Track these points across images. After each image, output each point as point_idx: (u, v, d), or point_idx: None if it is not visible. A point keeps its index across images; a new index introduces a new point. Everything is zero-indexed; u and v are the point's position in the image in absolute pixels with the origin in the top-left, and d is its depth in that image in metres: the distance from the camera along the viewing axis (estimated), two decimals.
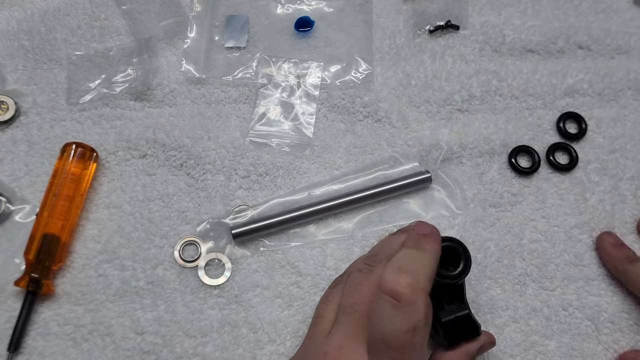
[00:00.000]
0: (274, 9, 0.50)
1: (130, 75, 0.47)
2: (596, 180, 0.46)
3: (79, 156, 0.43)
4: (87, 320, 0.41)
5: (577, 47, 0.50)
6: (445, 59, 0.49)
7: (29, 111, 0.46)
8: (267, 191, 0.45)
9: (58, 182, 0.42)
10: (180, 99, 0.47)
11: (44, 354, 0.40)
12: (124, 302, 0.42)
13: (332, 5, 0.50)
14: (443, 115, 0.48)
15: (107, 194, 0.45)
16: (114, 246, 0.43)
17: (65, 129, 0.46)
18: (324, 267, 0.43)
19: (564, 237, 0.44)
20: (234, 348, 0.41)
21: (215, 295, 0.42)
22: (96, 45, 0.49)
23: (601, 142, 0.47)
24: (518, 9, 0.51)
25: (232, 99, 0.47)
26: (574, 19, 0.51)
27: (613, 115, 0.48)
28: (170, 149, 0.45)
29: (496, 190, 0.45)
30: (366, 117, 0.47)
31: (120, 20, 0.49)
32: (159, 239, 0.43)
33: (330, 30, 0.50)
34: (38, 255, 0.41)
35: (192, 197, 0.44)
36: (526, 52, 0.50)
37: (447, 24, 0.50)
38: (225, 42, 0.49)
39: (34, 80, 0.47)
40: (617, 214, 0.45)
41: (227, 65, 0.48)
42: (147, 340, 0.41)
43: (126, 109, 0.47)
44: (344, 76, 0.48)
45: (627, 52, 0.50)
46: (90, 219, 0.44)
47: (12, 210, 0.43)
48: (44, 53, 0.48)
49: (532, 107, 0.48)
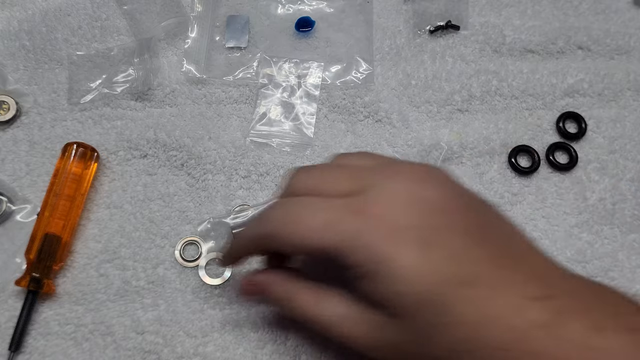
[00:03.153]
0: (275, 10, 0.50)
1: (131, 75, 0.47)
2: (596, 179, 0.46)
3: (79, 156, 0.43)
4: (88, 319, 0.41)
5: (577, 48, 0.50)
6: (446, 59, 0.49)
7: (30, 111, 0.47)
8: (267, 191, 0.45)
9: (59, 182, 0.42)
10: (181, 99, 0.47)
11: (44, 353, 0.40)
12: (125, 302, 0.42)
13: (333, 5, 0.50)
14: (443, 115, 0.48)
15: (108, 194, 0.45)
16: (114, 246, 0.43)
17: (66, 129, 0.46)
18: None
19: (564, 236, 0.44)
20: (234, 348, 0.41)
21: (216, 295, 0.42)
22: (97, 45, 0.49)
23: (601, 142, 0.47)
24: (518, 10, 0.51)
25: (233, 99, 0.48)
26: (573, 20, 0.51)
27: (613, 115, 0.48)
28: (171, 148, 0.45)
29: (496, 190, 0.46)
30: (366, 117, 0.47)
31: (122, 21, 0.49)
32: (160, 238, 0.43)
33: (331, 31, 0.50)
34: (39, 255, 0.41)
35: (192, 197, 0.45)
36: (526, 53, 0.50)
37: (448, 24, 0.50)
38: (226, 42, 0.49)
39: (35, 80, 0.47)
40: (617, 214, 0.45)
41: (228, 66, 0.48)
42: (147, 340, 0.41)
43: (127, 109, 0.47)
44: (345, 76, 0.48)
45: (627, 52, 0.50)
46: (91, 219, 0.44)
47: (13, 210, 0.44)
48: (45, 53, 0.48)
49: (532, 107, 0.48)
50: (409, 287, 0.29)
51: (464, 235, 0.30)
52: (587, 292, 0.31)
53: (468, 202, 0.32)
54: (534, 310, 0.28)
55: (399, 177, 0.32)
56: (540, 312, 0.28)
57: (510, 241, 0.32)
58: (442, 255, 0.29)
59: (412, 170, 0.33)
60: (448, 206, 0.31)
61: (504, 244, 0.31)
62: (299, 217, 0.31)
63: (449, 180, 0.33)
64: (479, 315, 0.29)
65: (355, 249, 0.30)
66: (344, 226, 0.30)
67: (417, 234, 0.30)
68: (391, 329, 0.31)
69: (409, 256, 0.29)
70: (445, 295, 0.29)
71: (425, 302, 0.29)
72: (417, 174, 0.32)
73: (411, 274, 0.29)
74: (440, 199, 0.31)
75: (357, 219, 0.30)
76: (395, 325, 0.31)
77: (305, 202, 0.32)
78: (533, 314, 0.28)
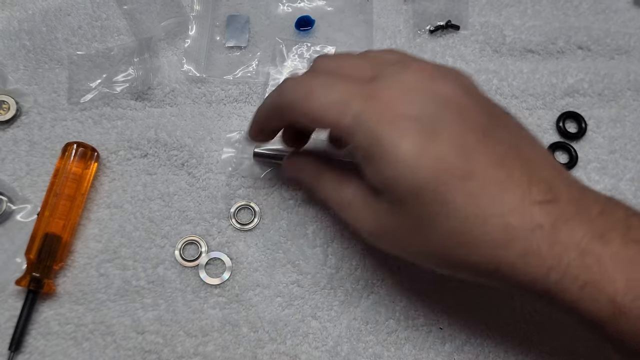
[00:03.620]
0: (275, 9, 0.50)
1: (131, 74, 0.47)
2: (596, 179, 0.46)
3: (80, 156, 0.43)
4: (88, 319, 0.41)
5: (577, 48, 0.50)
6: (446, 59, 0.49)
7: (30, 111, 0.47)
8: (269, 190, 0.45)
9: (59, 182, 0.42)
10: (181, 98, 0.47)
11: (44, 353, 0.40)
12: (125, 302, 0.42)
13: (333, 4, 0.50)
14: None
15: (108, 194, 0.45)
16: (115, 246, 0.43)
17: (66, 129, 0.46)
18: (324, 266, 0.43)
19: None
20: (234, 347, 0.41)
21: (216, 294, 0.42)
22: (97, 45, 0.49)
23: (601, 142, 0.47)
24: (518, 10, 0.51)
25: (233, 98, 0.48)
26: (573, 20, 0.51)
27: (613, 115, 0.48)
28: (171, 148, 0.45)
29: None
30: None
31: (122, 20, 0.49)
32: (160, 238, 0.43)
33: (331, 30, 0.50)
34: (39, 255, 0.41)
35: (193, 196, 0.45)
36: (526, 52, 0.50)
37: (448, 24, 0.50)
38: (226, 42, 0.49)
39: (35, 80, 0.47)
40: None
41: (228, 65, 0.48)
42: (148, 340, 0.41)
43: (127, 109, 0.47)
44: None
45: (627, 52, 0.50)
46: (91, 219, 0.44)
47: (13, 210, 0.44)
48: (45, 53, 0.48)
49: (532, 107, 0.48)
50: (407, 173, 0.29)
51: (472, 132, 0.30)
52: (595, 203, 0.30)
53: (481, 102, 0.32)
54: (534, 212, 0.28)
55: (416, 70, 0.32)
56: (540, 215, 0.28)
57: (520, 144, 0.31)
58: (446, 146, 0.29)
59: (432, 67, 0.32)
60: (459, 102, 0.31)
61: (512, 145, 0.31)
62: (315, 92, 0.32)
63: (466, 81, 0.33)
64: (477, 210, 0.28)
65: (360, 130, 0.30)
66: (353, 107, 0.30)
67: (422, 123, 0.29)
68: (390, 217, 0.31)
69: (410, 143, 0.29)
70: (444, 186, 0.29)
71: (423, 191, 0.29)
72: (436, 71, 0.32)
73: (410, 160, 0.29)
74: (452, 94, 0.31)
75: (366, 102, 0.30)
76: (393, 212, 0.31)
77: (323, 80, 0.33)
78: (532, 215, 0.28)
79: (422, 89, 0.31)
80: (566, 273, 0.28)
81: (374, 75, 0.32)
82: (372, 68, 0.33)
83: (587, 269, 0.28)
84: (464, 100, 0.31)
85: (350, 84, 0.32)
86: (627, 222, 0.29)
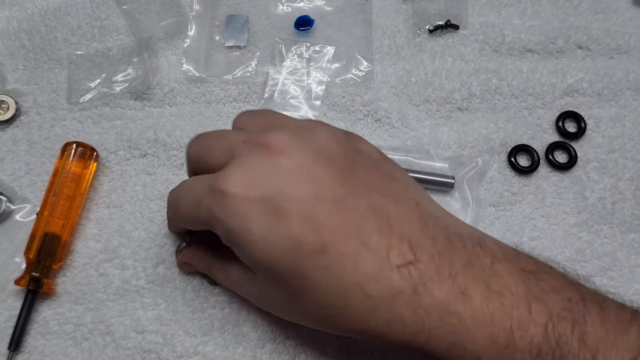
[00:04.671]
0: (274, 8, 0.50)
1: (131, 74, 0.47)
2: (595, 179, 0.46)
3: (79, 155, 0.43)
4: (88, 319, 0.41)
5: (576, 47, 0.50)
6: (445, 59, 0.49)
7: (29, 110, 0.47)
8: None
9: (58, 182, 0.42)
10: (180, 98, 0.47)
11: (44, 352, 0.40)
12: (125, 301, 0.42)
13: (332, 4, 0.50)
14: (443, 113, 0.48)
15: (108, 194, 0.45)
16: (114, 245, 0.43)
17: (65, 129, 0.46)
18: None
19: (563, 235, 0.44)
20: (234, 347, 0.41)
21: (216, 294, 0.42)
22: (96, 45, 0.49)
23: (600, 142, 0.47)
24: (518, 9, 0.51)
25: (232, 97, 0.48)
26: (573, 19, 0.51)
27: (612, 115, 0.48)
28: (171, 148, 0.45)
29: (496, 189, 0.46)
30: (366, 115, 0.47)
31: (121, 20, 0.49)
32: (160, 238, 0.43)
33: (330, 30, 0.50)
34: (38, 254, 0.41)
35: None
36: (526, 52, 0.50)
37: (447, 23, 0.50)
38: (225, 42, 0.49)
39: (34, 79, 0.47)
40: (617, 213, 0.45)
41: (227, 65, 0.48)
42: (147, 339, 0.41)
43: (126, 109, 0.47)
44: (344, 74, 0.48)
45: (627, 52, 0.50)
46: (91, 218, 0.44)
47: (12, 210, 0.44)
48: (44, 52, 0.48)
49: (531, 107, 0.48)
50: (263, 255, 0.30)
51: (322, 203, 0.29)
52: (461, 253, 0.30)
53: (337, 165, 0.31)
54: (393, 278, 0.28)
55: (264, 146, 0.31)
56: (400, 280, 0.28)
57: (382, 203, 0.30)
58: (295, 223, 0.29)
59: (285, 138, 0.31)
60: (309, 172, 0.30)
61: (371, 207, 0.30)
62: (180, 198, 0.35)
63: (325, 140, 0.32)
64: (337, 283, 0.29)
65: (216, 224, 0.31)
66: (204, 204, 0.32)
67: (268, 204, 0.29)
68: (269, 291, 0.33)
69: (257, 227, 0.29)
70: (300, 261, 0.29)
71: (283, 269, 0.30)
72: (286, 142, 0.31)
73: (261, 243, 0.29)
74: (299, 165, 0.30)
75: (214, 197, 0.31)
76: (270, 288, 0.32)
77: (185, 185, 0.35)
78: (391, 282, 0.28)
79: (268, 167, 0.30)
80: (430, 336, 0.28)
81: (225, 162, 0.32)
82: (225, 151, 0.33)
83: (450, 330, 0.28)
84: (315, 168, 0.30)
85: (202, 179, 0.33)
86: (492, 271, 0.29)
